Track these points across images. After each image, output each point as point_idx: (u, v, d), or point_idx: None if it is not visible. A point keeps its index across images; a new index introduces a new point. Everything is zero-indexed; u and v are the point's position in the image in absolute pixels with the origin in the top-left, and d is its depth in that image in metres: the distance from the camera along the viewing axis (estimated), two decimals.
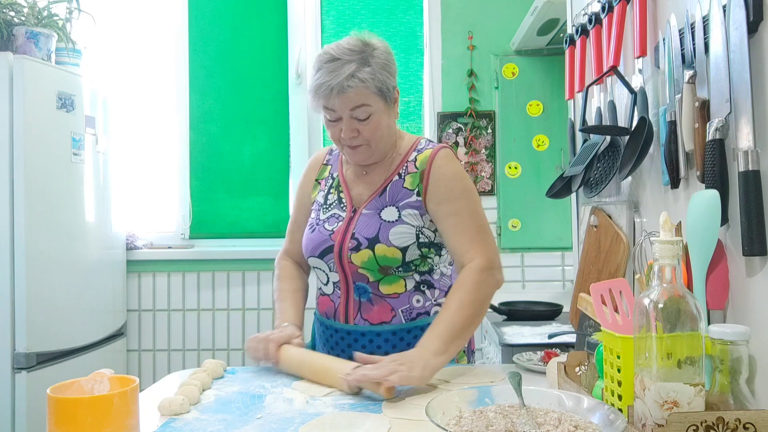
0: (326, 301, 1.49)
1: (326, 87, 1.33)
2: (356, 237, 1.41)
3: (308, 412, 1.08)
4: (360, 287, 1.43)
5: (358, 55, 1.35)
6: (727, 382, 0.83)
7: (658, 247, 0.82)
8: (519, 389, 0.92)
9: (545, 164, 2.88)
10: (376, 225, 1.41)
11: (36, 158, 2.29)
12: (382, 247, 1.38)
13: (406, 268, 1.41)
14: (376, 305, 1.42)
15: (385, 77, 1.37)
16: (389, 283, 1.42)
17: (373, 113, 1.37)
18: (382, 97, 1.38)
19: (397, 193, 1.44)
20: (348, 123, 1.37)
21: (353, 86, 1.33)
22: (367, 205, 1.45)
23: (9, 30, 2.35)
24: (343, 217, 1.46)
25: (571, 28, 1.75)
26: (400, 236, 1.39)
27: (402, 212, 1.42)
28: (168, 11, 3.09)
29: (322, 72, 1.35)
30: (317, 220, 1.50)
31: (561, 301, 2.55)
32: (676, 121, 1.13)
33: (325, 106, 1.37)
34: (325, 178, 1.56)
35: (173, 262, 2.97)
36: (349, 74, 1.32)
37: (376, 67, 1.36)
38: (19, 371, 2.23)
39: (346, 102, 1.34)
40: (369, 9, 3.06)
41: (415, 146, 1.49)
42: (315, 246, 1.46)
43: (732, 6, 0.96)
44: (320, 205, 1.52)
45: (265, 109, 3.08)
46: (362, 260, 1.39)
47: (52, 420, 0.85)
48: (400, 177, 1.45)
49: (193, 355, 2.96)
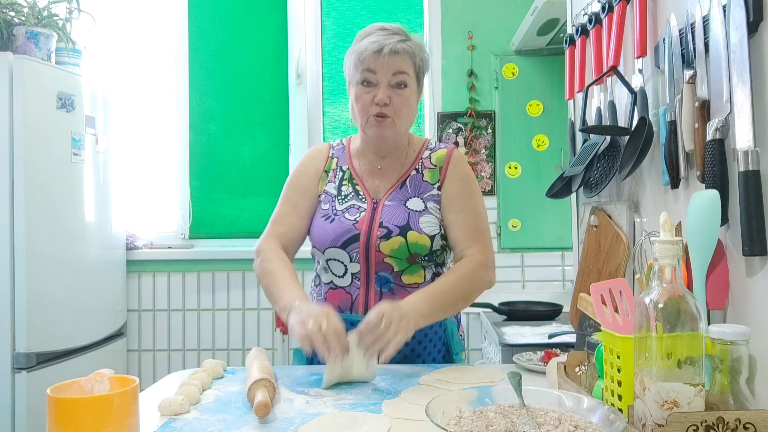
0: (340, 294, 1.47)
1: (378, 44, 1.40)
2: (385, 225, 1.44)
3: (308, 412, 1.08)
4: (382, 277, 1.45)
5: (404, 35, 1.46)
6: (727, 382, 0.83)
7: (658, 247, 0.82)
8: (519, 389, 0.92)
9: (545, 164, 2.88)
10: (405, 214, 1.45)
11: (36, 158, 2.29)
12: (414, 234, 1.43)
13: (431, 257, 1.46)
14: (398, 295, 1.43)
15: (424, 59, 1.48)
16: (412, 273, 1.46)
17: (409, 86, 1.45)
18: (416, 76, 1.47)
19: (419, 186, 1.50)
20: (385, 89, 1.42)
21: (405, 50, 1.42)
22: (388, 196, 1.49)
23: (9, 30, 2.35)
24: (364, 208, 1.47)
25: (571, 28, 1.75)
26: (429, 225, 1.45)
27: (427, 204, 1.48)
28: (168, 11, 3.09)
29: (374, 36, 1.43)
30: (333, 210, 1.49)
31: (561, 301, 2.55)
32: (676, 121, 1.13)
33: (369, 68, 1.42)
34: (334, 170, 1.56)
35: (173, 262, 2.97)
36: (401, 40, 1.43)
37: (420, 47, 1.47)
38: (19, 371, 2.23)
39: (392, 64, 1.41)
40: (369, 9, 3.06)
41: (426, 146, 1.57)
42: (337, 236, 1.44)
43: (732, 6, 0.96)
44: (333, 197, 1.51)
45: (265, 109, 3.08)
46: (392, 248, 1.42)
47: (52, 420, 0.85)
48: (418, 172, 1.52)
49: (193, 355, 2.96)
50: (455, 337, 1.53)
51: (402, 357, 1.39)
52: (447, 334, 1.51)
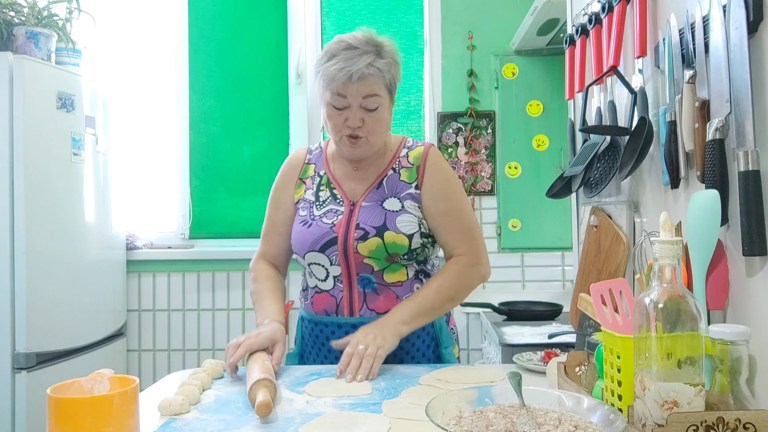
0: (325, 298, 1.48)
1: (346, 72, 1.35)
2: (362, 227, 1.44)
3: (308, 412, 1.08)
4: (364, 278, 1.45)
5: (373, 47, 1.40)
6: (727, 382, 0.83)
7: (658, 247, 0.82)
8: (519, 389, 0.92)
9: (545, 164, 2.88)
10: (381, 214, 1.45)
11: (36, 158, 2.29)
12: (391, 234, 1.42)
13: (410, 256, 1.46)
14: (382, 294, 1.45)
15: (395, 72, 1.44)
16: (393, 271, 1.46)
17: (380, 105, 1.42)
18: (389, 91, 1.44)
19: (396, 186, 1.49)
20: (356, 112, 1.40)
21: (372, 74, 1.37)
22: (365, 198, 1.48)
23: (9, 30, 2.35)
24: (341, 211, 1.48)
25: (571, 28, 1.75)
26: (407, 224, 1.44)
27: (404, 203, 1.47)
28: (168, 11, 3.09)
29: (340, 58, 1.37)
30: (311, 216, 1.50)
31: (561, 301, 2.55)
32: (676, 121, 1.13)
33: (339, 92, 1.38)
34: (311, 176, 1.56)
35: (173, 262, 2.97)
36: (368, 62, 1.36)
37: (390, 61, 1.42)
38: (19, 371, 2.23)
39: (361, 89, 1.37)
40: (369, 9, 3.06)
41: (403, 144, 1.56)
42: (315, 240, 1.46)
43: (732, 6, 0.96)
44: (311, 203, 1.52)
45: (265, 109, 3.08)
46: (369, 249, 1.42)
47: (52, 420, 0.85)
48: (395, 171, 1.51)
49: (193, 355, 2.96)
50: (444, 330, 1.54)
51: (391, 355, 1.38)
52: (435, 328, 1.51)
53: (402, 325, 1.37)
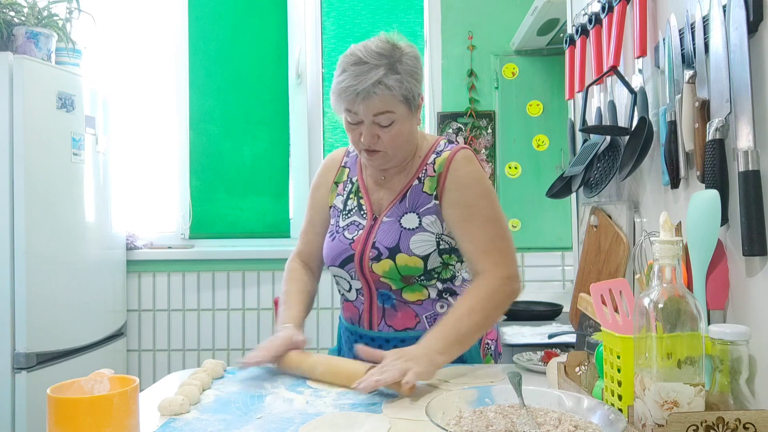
0: (350, 307, 1.49)
1: (351, 91, 1.29)
2: (377, 246, 1.39)
3: (308, 412, 1.08)
4: (383, 294, 1.42)
5: (386, 60, 1.31)
6: (727, 382, 0.83)
7: (658, 247, 0.82)
8: (519, 389, 0.92)
9: (545, 164, 2.88)
10: (397, 233, 1.39)
11: (36, 158, 2.29)
12: (403, 257, 1.37)
13: (428, 277, 1.39)
14: (400, 311, 1.41)
15: (412, 85, 1.34)
16: (412, 291, 1.40)
17: (396, 120, 1.34)
18: (407, 104, 1.34)
19: (417, 199, 1.42)
20: (369, 128, 1.34)
21: (379, 93, 1.29)
22: (388, 212, 1.43)
23: (9, 30, 2.35)
24: (363, 225, 1.45)
25: (571, 28, 1.75)
26: (421, 245, 1.37)
27: (422, 219, 1.39)
28: (168, 11, 3.09)
29: (348, 75, 1.30)
30: (337, 227, 1.49)
31: (561, 301, 2.55)
32: (676, 121, 1.13)
33: (348, 109, 1.33)
34: (344, 181, 1.53)
35: (173, 262, 2.97)
36: (376, 80, 1.28)
37: (404, 75, 1.32)
38: (19, 371, 2.23)
39: (370, 108, 1.31)
40: (369, 9, 3.05)
41: (434, 148, 1.46)
42: (335, 255, 1.45)
43: (732, 6, 0.96)
44: (339, 211, 1.50)
45: (265, 109, 3.08)
46: (384, 270, 1.38)
47: (52, 420, 0.85)
48: (420, 181, 1.43)
49: (193, 355, 2.96)
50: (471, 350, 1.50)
51: None
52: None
53: (437, 355, 1.23)
